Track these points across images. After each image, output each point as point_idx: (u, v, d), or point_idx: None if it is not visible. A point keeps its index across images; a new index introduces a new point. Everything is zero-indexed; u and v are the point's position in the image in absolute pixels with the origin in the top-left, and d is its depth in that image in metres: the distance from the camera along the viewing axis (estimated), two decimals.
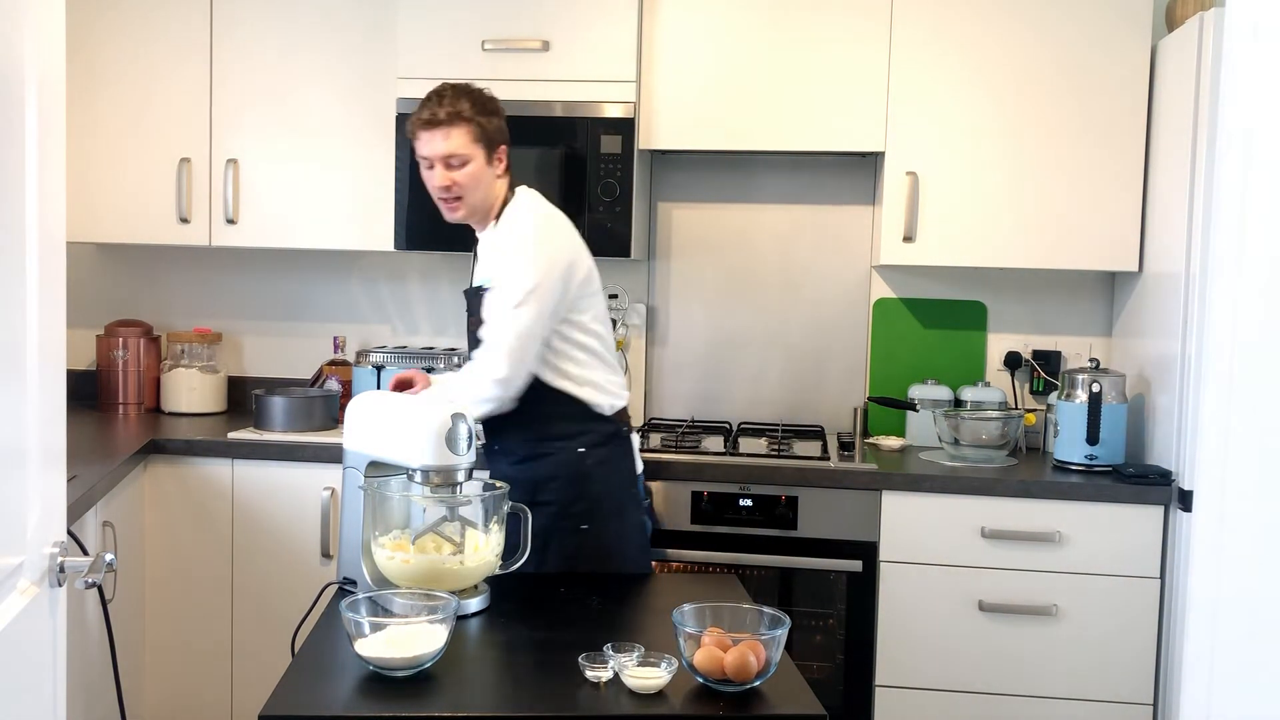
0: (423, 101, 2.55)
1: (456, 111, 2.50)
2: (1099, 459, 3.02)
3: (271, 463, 3.09)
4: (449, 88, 2.55)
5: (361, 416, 2.21)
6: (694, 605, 1.86)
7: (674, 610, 1.81)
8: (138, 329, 3.59)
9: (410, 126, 2.56)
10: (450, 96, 2.52)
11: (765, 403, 3.56)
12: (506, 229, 2.57)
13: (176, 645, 3.13)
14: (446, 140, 2.51)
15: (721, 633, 1.77)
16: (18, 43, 1.40)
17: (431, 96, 2.54)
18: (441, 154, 2.52)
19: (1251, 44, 2.61)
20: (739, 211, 3.55)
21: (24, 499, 1.45)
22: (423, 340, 3.68)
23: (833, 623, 3.01)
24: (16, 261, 1.41)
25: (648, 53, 3.18)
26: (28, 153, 1.44)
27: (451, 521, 2.10)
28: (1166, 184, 2.98)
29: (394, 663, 1.74)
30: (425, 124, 2.51)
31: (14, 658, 1.43)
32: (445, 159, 2.52)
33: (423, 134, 2.52)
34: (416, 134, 2.54)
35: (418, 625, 1.80)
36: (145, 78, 3.35)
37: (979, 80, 3.12)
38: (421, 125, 2.52)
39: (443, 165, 2.53)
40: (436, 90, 2.56)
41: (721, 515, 2.96)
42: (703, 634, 1.76)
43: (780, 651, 1.77)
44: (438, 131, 2.51)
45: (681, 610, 1.82)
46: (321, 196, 3.35)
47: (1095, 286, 3.45)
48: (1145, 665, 2.90)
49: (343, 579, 2.17)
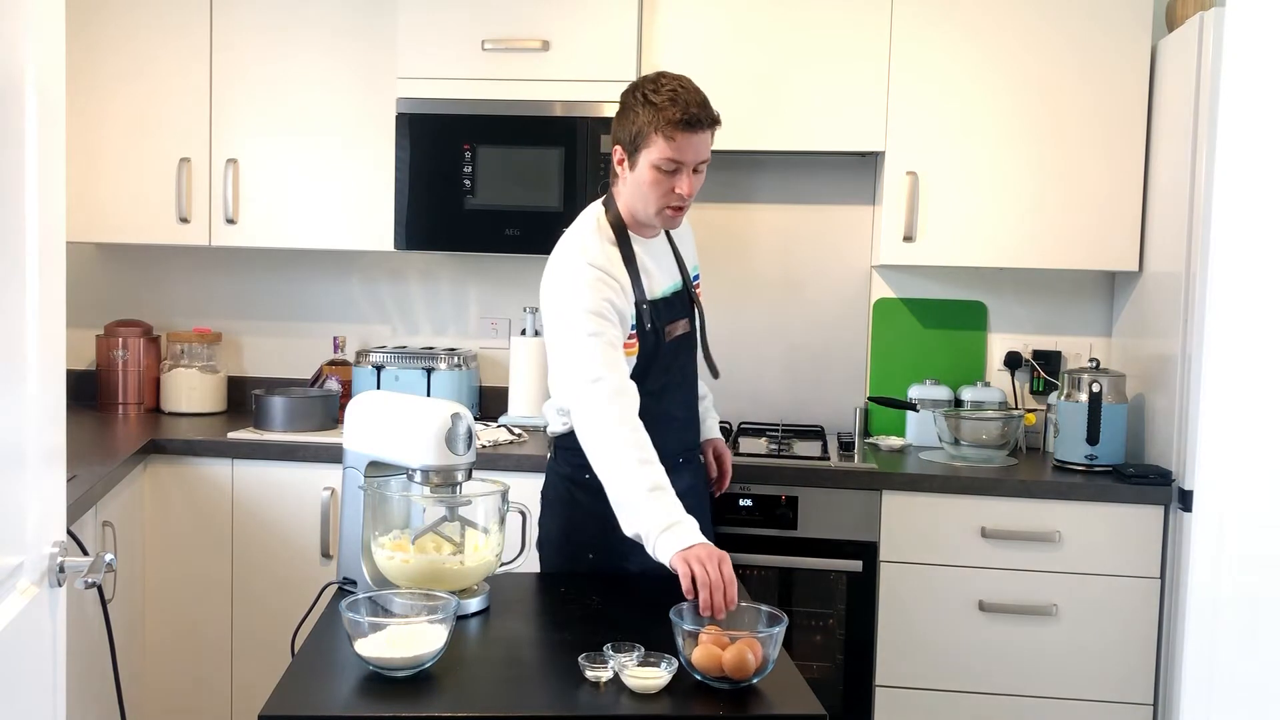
0: (662, 97, 2.22)
1: (714, 114, 2.25)
2: (1099, 459, 3.02)
3: (271, 463, 3.09)
4: (688, 81, 2.27)
5: (361, 416, 2.21)
6: (692, 603, 1.87)
7: (672, 609, 1.81)
8: (138, 329, 3.59)
9: (659, 127, 2.22)
10: (698, 93, 2.25)
11: (765, 402, 3.56)
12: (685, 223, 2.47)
13: (176, 645, 3.13)
14: (707, 144, 2.26)
15: (719, 631, 1.77)
16: (18, 43, 1.40)
17: (677, 92, 2.23)
18: (702, 159, 2.26)
19: (1251, 44, 2.62)
20: (739, 211, 3.55)
21: (24, 499, 1.45)
22: (423, 340, 3.68)
23: (833, 623, 3.01)
24: (16, 261, 1.41)
25: (648, 53, 3.18)
26: (28, 153, 1.44)
27: (451, 521, 2.10)
28: (1166, 184, 2.98)
29: (394, 663, 1.74)
30: (688, 125, 2.21)
31: (14, 658, 1.43)
32: (698, 164, 2.27)
33: (682, 136, 2.22)
34: (673, 135, 2.22)
35: (418, 625, 1.80)
36: (145, 78, 3.35)
37: (979, 80, 3.12)
38: (683, 126, 2.21)
39: (690, 171, 2.26)
40: (673, 85, 2.24)
41: (722, 515, 2.95)
42: (700, 632, 1.76)
43: (778, 649, 1.77)
44: (704, 134, 2.24)
45: (680, 609, 1.82)
46: (321, 196, 3.35)
47: (1095, 286, 3.45)
48: (1145, 665, 2.90)
49: (343, 579, 2.17)
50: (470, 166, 3.20)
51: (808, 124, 3.17)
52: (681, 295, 2.47)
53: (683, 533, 1.99)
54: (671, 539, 1.99)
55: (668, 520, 2.01)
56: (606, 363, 2.17)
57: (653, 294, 2.37)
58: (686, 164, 2.24)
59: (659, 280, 2.40)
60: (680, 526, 2.01)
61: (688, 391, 2.51)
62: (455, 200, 3.21)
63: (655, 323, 2.35)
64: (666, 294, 2.41)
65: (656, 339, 2.36)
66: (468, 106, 3.19)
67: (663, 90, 2.23)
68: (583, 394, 2.17)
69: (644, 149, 2.25)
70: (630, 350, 2.29)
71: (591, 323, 2.19)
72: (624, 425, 2.12)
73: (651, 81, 2.26)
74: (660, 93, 2.22)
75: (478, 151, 3.20)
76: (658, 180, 2.25)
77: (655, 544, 2.00)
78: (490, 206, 3.20)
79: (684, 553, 1.95)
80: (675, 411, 2.44)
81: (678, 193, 2.25)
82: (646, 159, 2.25)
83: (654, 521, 2.02)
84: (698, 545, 1.96)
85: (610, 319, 2.22)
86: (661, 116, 2.21)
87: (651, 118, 2.22)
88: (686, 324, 2.46)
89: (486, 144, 3.19)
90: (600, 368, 2.17)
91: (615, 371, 2.18)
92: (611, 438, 2.12)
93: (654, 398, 2.34)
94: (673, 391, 2.43)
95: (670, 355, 2.41)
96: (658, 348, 2.37)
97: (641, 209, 2.31)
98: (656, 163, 2.24)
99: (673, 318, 2.42)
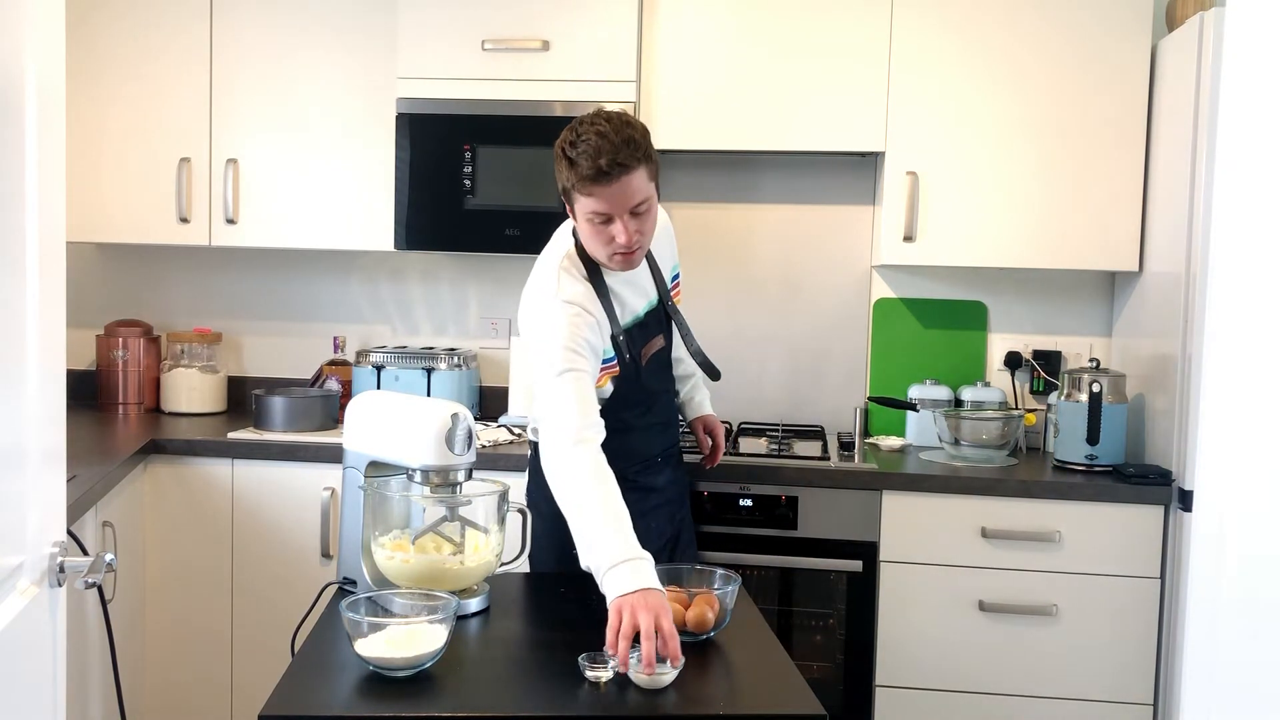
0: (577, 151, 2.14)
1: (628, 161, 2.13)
2: (1099, 459, 3.02)
3: (271, 463, 3.09)
4: (615, 123, 2.15)
5: (361, 416, 2.20)
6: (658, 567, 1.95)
7: None
8: (138, 329, 3.59)
9: (576, 184, 2.17)
10: (619, 137, 2.13)
11: (765, 402, 3.56)
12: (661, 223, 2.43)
13: (176, 645, 3.13)
14: (633, 189, 2.16)
15: (680, 590, 1.96)
16: (18, 43, 1.40)
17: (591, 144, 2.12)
18: (634, 203, 2.17)
19: (1251, 44, 2.62)
20: (739, 211, 3.55)
21: (24, 499, 1.45)
22: (423, 340, 3.68)
23: (833, 623, 3.01)
24: (16, 261, 1.41)
25: (648, 52, 3.19)
26: (28, 153, 1.44)
27: (451, 521, 2.10)
28: (1166, 184, 2.98)
29: (394, 663, 1.74)
30: (601, 178, 2.13)
31: (14, 658, 1.43)
32: (632, 209, 2.17)
33: (600, 190, 2.14)
34: (590, 191, 2.15)
35: (418, 625, 1.80)
36: (145, 78, 3.35)
37: (979, 80, 3.12)
38: (597, 180, 2.13)
39: (627, 216, 2.18)
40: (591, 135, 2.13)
41: (722, 515, 2.96)
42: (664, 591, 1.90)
43: (733, 604, 1.97)
44: (625, 180, 2.14)
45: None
46: (321, 196, 3.35)
47: (1095, 286, 3.45)
48: (1145, 665, 2.90)
49: (343, 579, 2.17)
50: (470, 166, 3.20)
51: (808, 124, 3.17)
52: (656, 312, 2.47)
53: (633, 571, 1.89)
54: (621, 576, 1.89)
55: (622, 555, 1.92)
56: (578, 403, 2.14)
57: (626, 321, 2.38)
58: (616, 213, 2.17)
59: (633, 304, 2.40)
60: (632, 564, 1.90)
61: (667, 398, 2.60)
62: (455, 200, 3.21)
63: (632, 351, 2.37)
64: (641, 316, 2.42)
65: (635, 364, 2.39)
66: (468, 106, 3.19)
67: (579, 143, 2.15)
68: (552, 434, 2.13)
69: (574, 203, 2.22)
70: (603, 382, 2.31)
71: (565, 360, 2.17)
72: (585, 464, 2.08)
73: (573, 131, 2.18)
74: (577, 145, 2.15)
75: (478, 151, 3.20)
76: (596, 231, 2.21)
77: (604, 578, 1.91)
78: (490, 206, 3.20)
79: (625, 599, 1.83)
80: (656, 419, 2.54)
81: (618, 241, 2.19)
82: (580, 211, 2.22)
83: (608, 556, 1.93)
84: (638, 594, 1.83)
85: (584, 354, 2.20)
86: (575, 173, 2.16)
87: (570, 174, 2.17)
88: (662, 339, 2.49)
89: (486, 144, 3.20)
90: (570, 408, 2.13)
91: (584, 413, 2.13)
92: (574, 476, 2.08)
93: (637, 413, 2.43)
94: (653, 402, 2.51)
95: (650, 374, 2.45)
96: (638, 372, 2.40)
97: (596, 255, 2.28)
98: (588, 216, 2.20)
99: (648, 339, 2.43)
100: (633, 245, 2.21)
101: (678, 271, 2.61)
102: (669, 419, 2.61)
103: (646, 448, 2.52)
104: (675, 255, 2.60)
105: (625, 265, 2.28)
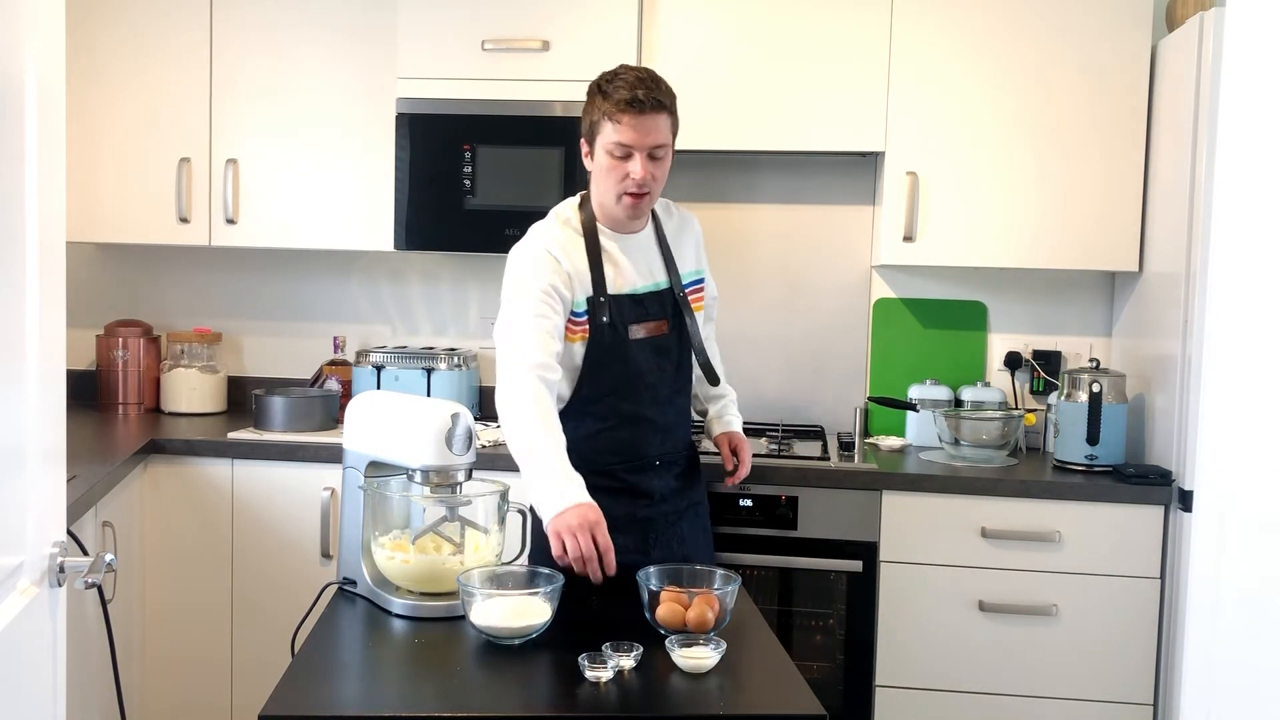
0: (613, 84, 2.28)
1: (660, 98, 2.28)
2: (1099, 459, 3.02)
3: (271, 463, 3.09)
4: (649, 72, 2.31)
5: (361, 416, 2.21)
6: (657, 567, 2.02)
7: (639, 571, 1.98)
8: (138, 329, 3.60)
9: (607, 112, 2.28)
10: (652, 80, 2.29)
11: (765, 402, 3.56)
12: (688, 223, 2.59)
13: (176, 645, 3.13)
14: (658, 128, 2.28)
15: (680, 590, 1.96)
16: (18, 43, 1.40)
17: (627, 79, 2.28)
18: (655, 143, 2.29)
19: (1251, 44, 2.62)
20: (739, 211, 3.55)
21: (24, 499, 1.45)
22: (422, 340, 3.68)
23: (833, 623, 3.01)
24: (16, 261, 1.41)
25: (647, 53, 3.19)
26: (28, 153, 1.44)
27: (451, 521, 2.10)
28: (1166, 184, 2.98)
29: (508, 631, 1.85)
30: (631, 105, 2.25)
31: (14, 658, 1.43)
32: (651, 149, 2.29)
33: (628, 118, 2.26)
34: (619, 119, 2.27)
35: (525, 598, 1.89)
36: (145, 78, 3.35)
37: (979, 80, 3.12)
38: (627, 107, 2.25)
39: (645, 156, 2.29)
40: (629, 74, 2.30)
41: (722, 515, 2.95)
42: (663, 591, 1.94)
43: (733, 604, 1.97)
44: (653, 117, 2.27)
45: (646, 571, 1.99)
46: (321, 196, 3.35)
47: (1095, 286, 3.45)
48: (1145, 665, 2.90)
49: (343, 579, 2.17)
50: (470, 166, 3.20)
51: (808, 124, 3.17)
52: (662, 296, 2.45)
53: (560, 492, 2.06)
54: (550, 496, 2.06)
55: (550, 477, 2.08)
56: (536, 340, 2.24)
57: (618, 289, 2.38)
58: (637, 148, 2.28)
59: (630, 276, 2.41)
60: (558, 484, 2.07)
61: (669, 395, 2.47)
62: (455, 200, 3.21)
63: (615, 317, 2.36)
64: (638, 292, 2.41)
65: (615, 334, 2.37)
66: (467, 106, 3.20)
67: (616, 79, 2.30)
68: (507, 363, 2.23)
69: (598, 136, 2.32)
70: (572, 337, 2.34)
71: (531, 301, 2.27)
72: (529, 395, 2.18)
73: (610, 72, 2.33)
74: (614, 80, 2.30)
75: (478, 151, 3.20)
76: (612, 166, 2.31)
77: (536, 499, 2.09)
78: (490, 206, 3.20)
79: (557, 520, 2.02)
80: (648, 413, 2.42)
81: (632, 178, 2.29)
82: (601, 145, 2.32)
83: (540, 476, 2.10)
84: (571, 510, 2.02)
85: (552, 299, 2.29)
86: (609, 102, 2.28)
87: (602, 105, 2.30)
88: (665, 326, 2.44)
89: (486, 144, 3.20)
90: (529, 343, 2.23)
91: (542, 350, 2.23)
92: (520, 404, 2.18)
93: (618, 396, 2.38)
94: (644, 392, 2.41)
95: (643, 354, 2.40)
96: (618, 344, 2.37)
97: (605, 200, 2.37)
98: (609, 148, 2.30)
99: (642, 317, 2.41)
100: (644, 186, 2.31)
101: (700, 277, 2.58)
102: (671, 424, 2.48)
103: (637, 445, 2.41)
104: (699, 261, 2.59)
105: (633, 210, 2.35)
